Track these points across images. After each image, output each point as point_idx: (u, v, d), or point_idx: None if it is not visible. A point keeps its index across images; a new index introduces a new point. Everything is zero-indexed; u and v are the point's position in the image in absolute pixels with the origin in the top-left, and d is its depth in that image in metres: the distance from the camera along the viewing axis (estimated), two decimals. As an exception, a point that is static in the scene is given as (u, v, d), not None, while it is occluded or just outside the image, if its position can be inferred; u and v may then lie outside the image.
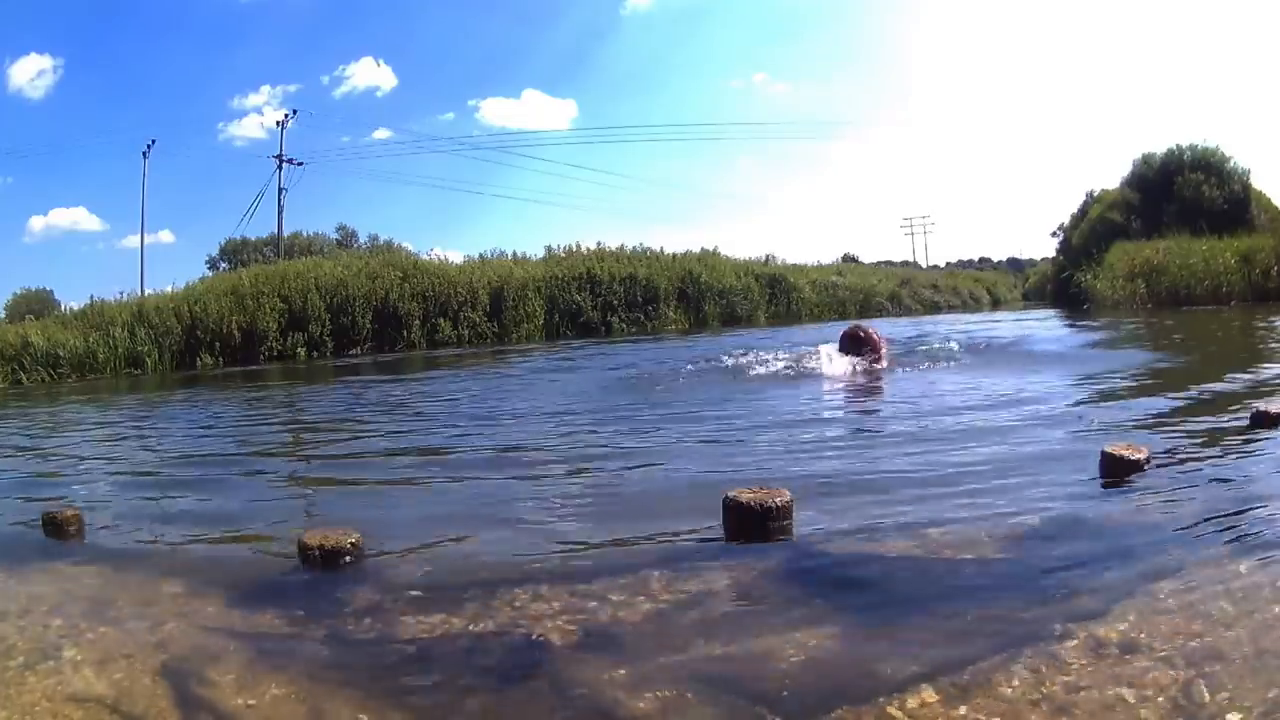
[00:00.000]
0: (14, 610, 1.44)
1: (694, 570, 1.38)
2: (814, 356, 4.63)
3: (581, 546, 1.53)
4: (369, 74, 48.52)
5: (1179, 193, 16.65)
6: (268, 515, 2.08)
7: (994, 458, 2.08)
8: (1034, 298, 27.11)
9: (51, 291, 26.20)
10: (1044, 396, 3.34)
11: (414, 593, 1.36)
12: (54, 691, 1.09)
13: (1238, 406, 2.63)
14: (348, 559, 1.48)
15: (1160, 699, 0.87)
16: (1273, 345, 5.58)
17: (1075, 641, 1.00)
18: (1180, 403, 2.98)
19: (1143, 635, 1.01)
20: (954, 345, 5.28)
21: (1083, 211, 21.03)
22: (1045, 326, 8.25)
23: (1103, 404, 3.16)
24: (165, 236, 36.73)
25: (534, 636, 1.14)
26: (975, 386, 3.71)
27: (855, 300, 23.52)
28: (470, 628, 1.20)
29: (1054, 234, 24.54)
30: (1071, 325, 9.76)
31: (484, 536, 1.71)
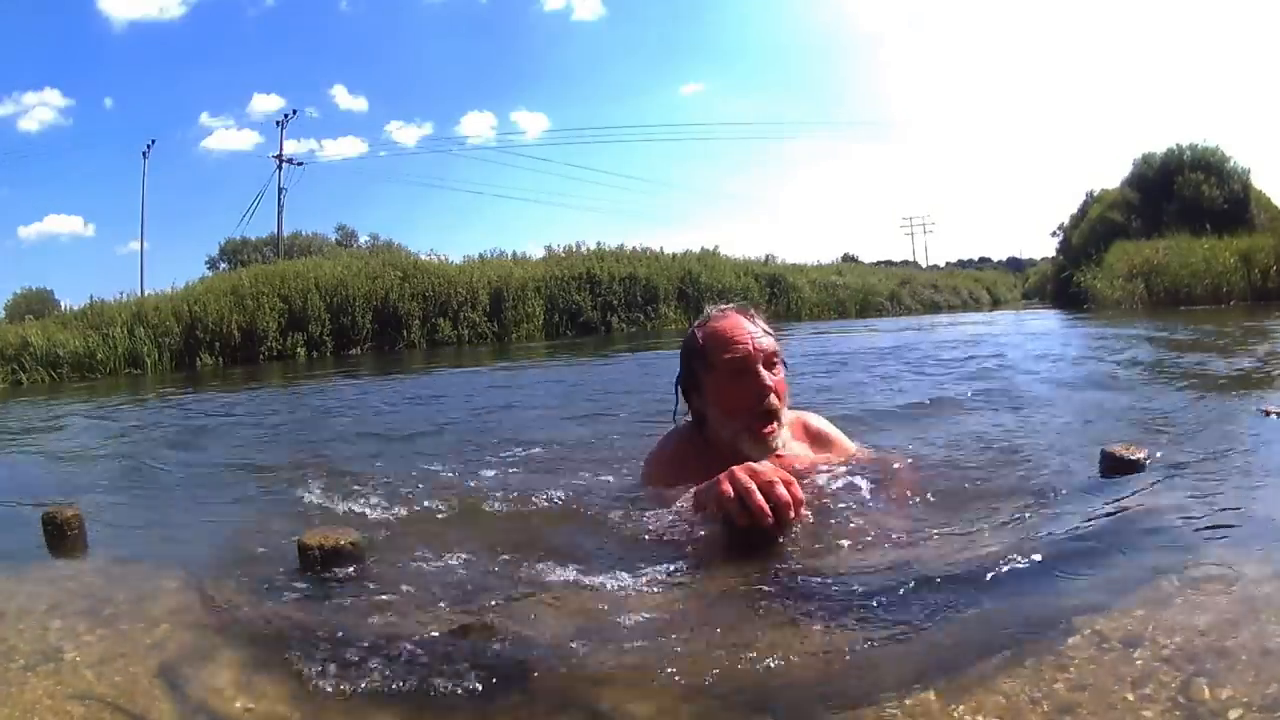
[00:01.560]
0: (13, 611, 1.44)
1: (692, 570, 1.38)
2: None
3: (580, 547, 1.53)
4: (342, 102, 48.80)
5: (1179, 192, 16.69)
6: (267, 514, 2.08)
7: (991, 457, 2.08)
8: (1034, 297, 27.15)
9: (51, 291, 26.23)
10: (1041, 396, 3.34)
11: (414, 593, 1.36)
12: (53, 691, 1.09)
13: (1237, 406, 2.63)
14: (347, 559, 1.48)
15: (1162, 696, 0.87)
16: (1272, 345, 5.58)
17: (1076, 640, 1.00)
18: (1180, 402, 2.98)
19: (1144, 633, 1.01)
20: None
21: (1083, 211, 21.08)
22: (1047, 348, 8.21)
23: (1101, 403, 3.16)
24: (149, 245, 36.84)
25: (532, 637, 1.14)
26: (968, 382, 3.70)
27: (855, 300, 23.55)
28: (472, 630, 1.20)
29: (1054, 234, 24.66)
30: (1072, 326, 9.77)
31: (483, 537, 1.71)
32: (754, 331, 1.70)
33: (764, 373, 1.67)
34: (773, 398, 1.66)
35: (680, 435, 1.84)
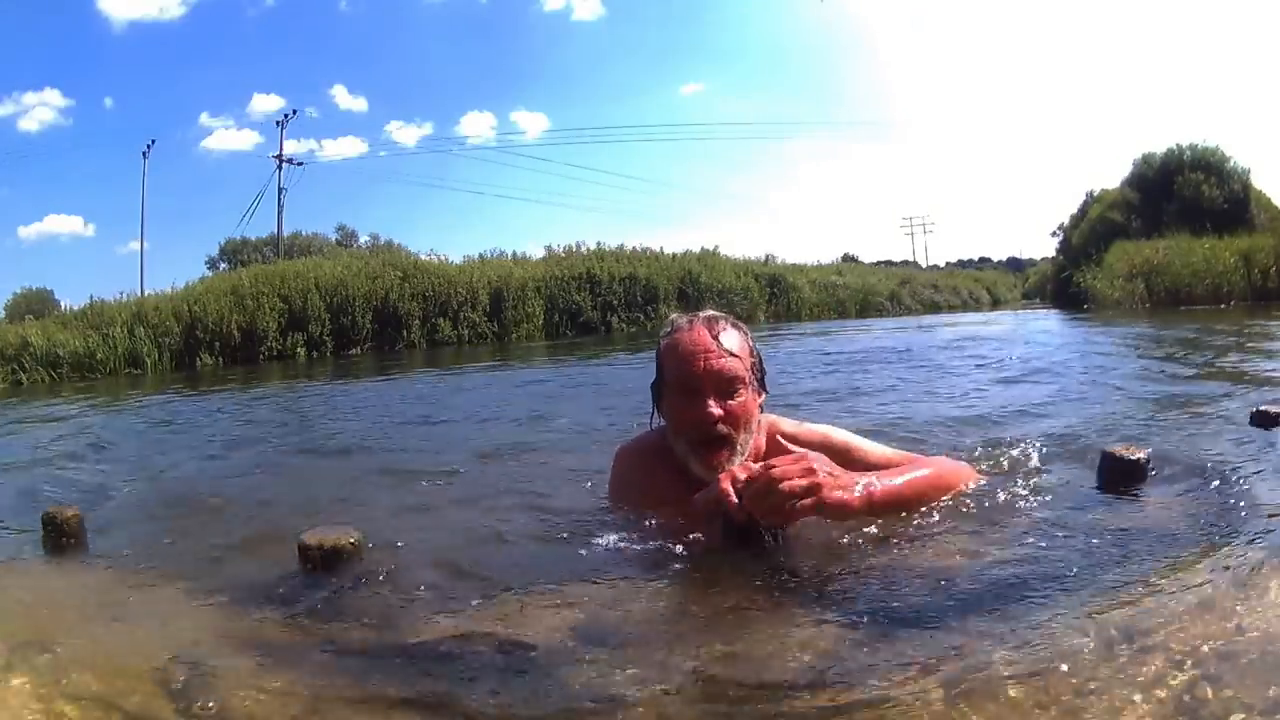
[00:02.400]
0: (12, 611, 1.44)
1: (693, 572, 1.38)
2: None
3: (580, 547, 1.53)
4: (342, 102, 48.92)
5: (1179, 192, 16.70)
6: (267, 514, 2.08)
7: (990, 459, 2.08)
8: (1034, 297, 27.18)
9: (51, 291, 26.25)
10: (1040, 397, 3.34)
11: (414, 593, 1.36)
12: (51, 694, 1.08)
13: (1238, 406, 2.63)
14: (348, 559, 1.48)
15: (1166, 698, 0.86)
16: (1272, 345, 5.58)
17: (1080, 643, 1.00)
18: (1180, 402, 2.98)
19: (1144, 635, 1.00)
20: None
21: (1083, 211, 21.11)
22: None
23: (1101, 404, 3.16)
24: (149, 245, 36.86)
25: (534, 637, 1.14)
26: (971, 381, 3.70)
27: (855, 300, 23.55)
28: (471, 628, 1.20)
29: (1054, 234, 24.71)
30: (1072, 326, 9.76)
31: (485, 537, 1.71)
32: (712, 351, 1.52)
33: (712, 399, 1.51)
34: (720, 426, 1.52)
35: (659, 431, 1.74)
